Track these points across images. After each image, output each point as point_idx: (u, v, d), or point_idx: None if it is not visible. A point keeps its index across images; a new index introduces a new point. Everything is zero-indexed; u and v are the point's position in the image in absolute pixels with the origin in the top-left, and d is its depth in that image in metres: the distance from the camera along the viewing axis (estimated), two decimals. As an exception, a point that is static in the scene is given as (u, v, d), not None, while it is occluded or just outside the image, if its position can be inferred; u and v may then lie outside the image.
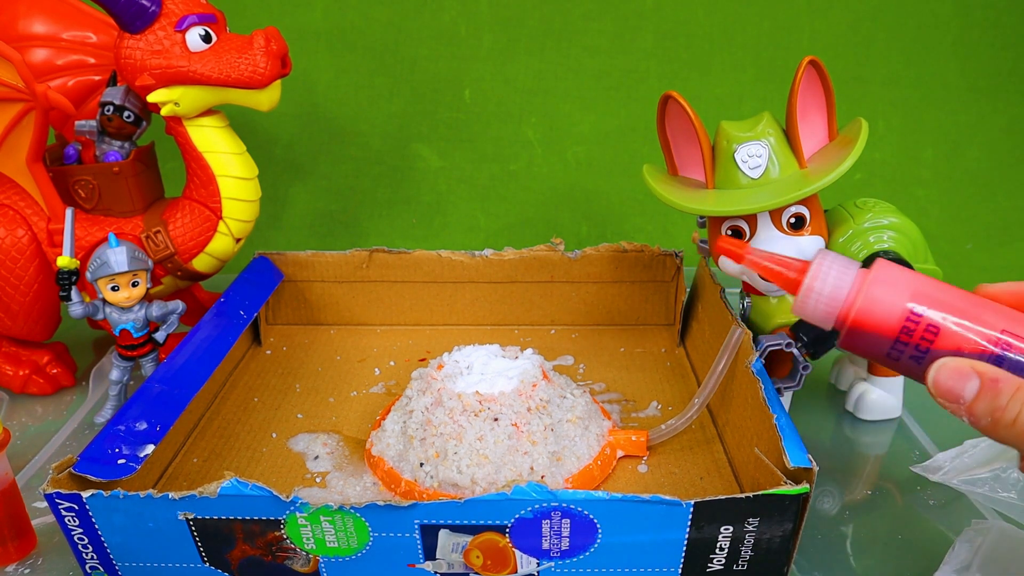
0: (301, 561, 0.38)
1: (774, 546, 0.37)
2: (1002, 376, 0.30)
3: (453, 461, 0.43)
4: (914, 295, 0.32)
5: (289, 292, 0.66)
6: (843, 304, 0.33)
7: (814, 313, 0.33)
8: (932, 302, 0.32)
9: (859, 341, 0.33)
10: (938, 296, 0.32)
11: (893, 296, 0.32)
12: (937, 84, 0.82)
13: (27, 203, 0.55)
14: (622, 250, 0.63)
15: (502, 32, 0.81)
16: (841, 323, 0.33)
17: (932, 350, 0.31)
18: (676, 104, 0.49)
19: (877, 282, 0.32)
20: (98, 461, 0.40)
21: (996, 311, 0.32)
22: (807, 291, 0.33)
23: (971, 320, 0.31)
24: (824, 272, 0.33)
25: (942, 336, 0.31)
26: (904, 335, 0.32)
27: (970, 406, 0.31)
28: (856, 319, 0.32)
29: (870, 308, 0.32)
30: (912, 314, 0.31)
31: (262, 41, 0.54)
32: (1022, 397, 0.30)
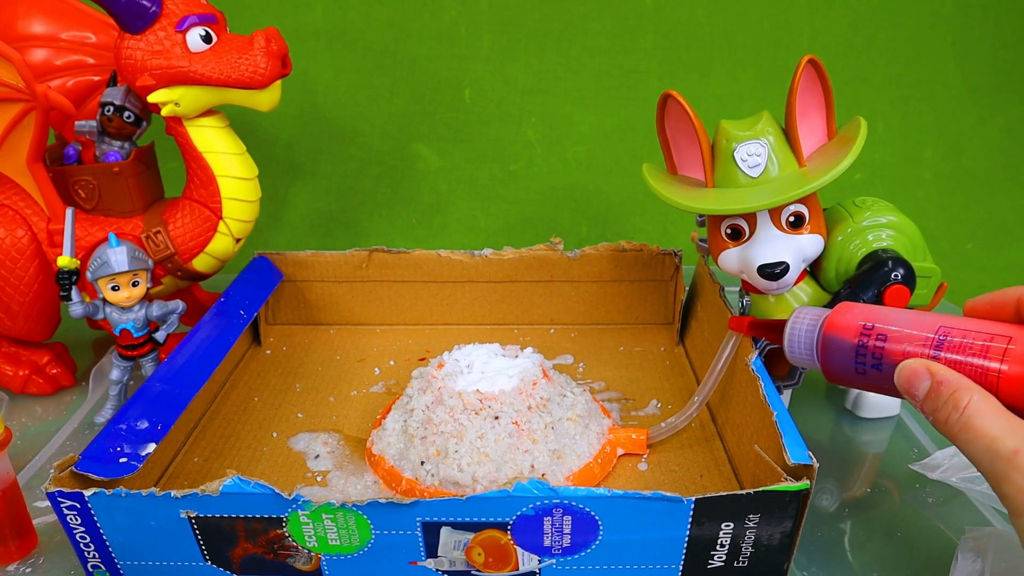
0: (303, 559, 0.38)
1: (774, 543, 0.37)
2: (946, 379, 0.33)
3: (454, 459, 0.43)
4: (865, 316, 0.38)
5: (289, 292, 0.66)
6: (815, 339, 0.39)
7: (799, 356, 0.40)
8: (879, 318, 0.37)
9: (832, 363, 0.38)
10: (885, 313, 0.38)
11: (849, 319, 0.38)
12: (937, 84, 0.82)
13: (27, 203, 0.55)
14: (621, 249, 0.63)
15: (502, 32, 0.81)
16: (818, 354, 0.40)
17: (885, 356, 0.36)
18: (676, 103, 0.49)
19: (836, 313, 0.39)
20: (100, 460, 0.40)
21: (935, 316, 0.36)
22: (789, 338, 0.41)
23: (911, 326, 0.36)
24: (799, 320, 0.40)
25: (890, 341, 0.36)
26: (861, 347, 0.37)
27: (921, 404, 0.34)
28: (824, 342, 0.39)
29: (832, 330, 0.38)
30: (864, 328, 0.37)
31: (262, 41, 0.54)
32: (954, 400, 0.32)
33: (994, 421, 0.31)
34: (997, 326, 0.34)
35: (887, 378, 0.36)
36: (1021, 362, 0.32)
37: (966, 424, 0.32)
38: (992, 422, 0.31)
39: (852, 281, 0.49)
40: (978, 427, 0.31)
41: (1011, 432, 0.31)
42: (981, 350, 0.33)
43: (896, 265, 0.47)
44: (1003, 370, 0.33)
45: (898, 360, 0.35)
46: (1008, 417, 0.31)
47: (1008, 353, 0.33)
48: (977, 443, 0.31)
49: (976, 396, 0.32)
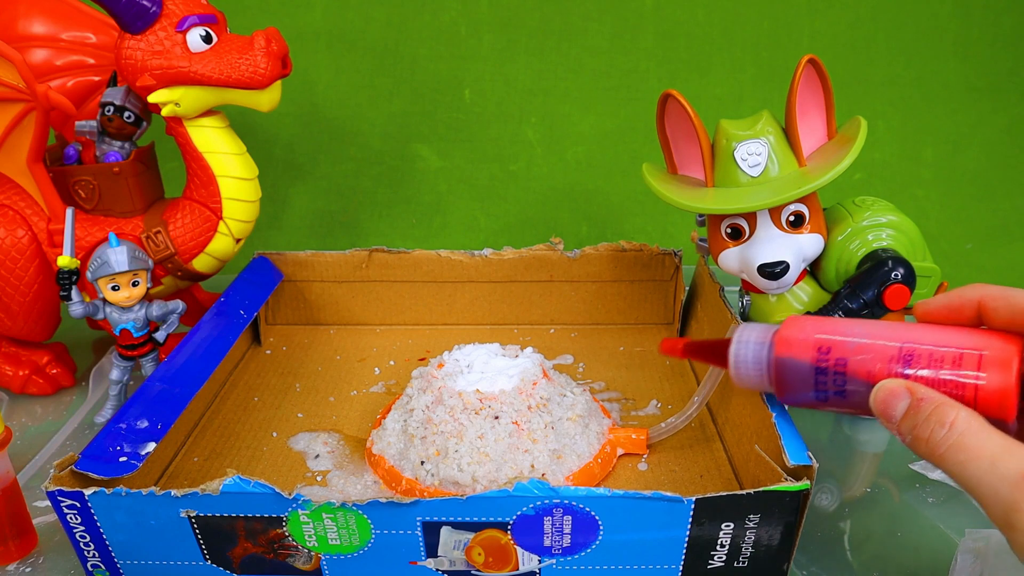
0: (303, 559, 0.38)
1: (774, 543, 0.37)
2: (927, 396, 0.31)
3: (454, 459, 0.43)
4: (820, 329, 0.35)
5: (289, 292, 0.66)
6: (765, 360, 0.37)
7: (747, 378, 0.38)
8: (836, 331, 0.35)
9: (787, 386, 0.36)
10: (840, 326, 0.35)
11: (803, 334, 0.35)
12: (937, 84, 0.82)
13: (27, 203, 0.55)
14: (621, 249, 0.63)
15: (502, 32, 0.81)
16: (770, 376, 0.37)
17: (849, 376, 0.34)
18: (676, 103, 0.49)
19: (787, 327, 0.36)
20: (100, 459, 0.40)
21: (896, 327, 0.34)
22: (735, 360, 0.38)
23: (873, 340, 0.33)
24: (744, 340, 0.37)
25: (853, 359, 0.33)
26: (820, 370, 0.34)
27: (898, 424, 0.31)
28: (777, 363, 0.36)
29: (785, 349, 0.35)
30: (821, 347, 0.34)
31: (262, 42, 0.54)
32: (938, 416, 0.30)
33: (990, 438, 0.29)
34: (963, 334, 0.32)
35: (854, 403, 0.34)
36: (1000, 370, 0.31)
37: (957, 443, 0.29)
38: (988, 439, 0.29)
39: (852, 281, 0.49)
40: (972, 446, 0.28)
41: (1010, 451, 0.28)
42: (954, 362, 0.31)
43: (896, 265, 0.47)
44: (980, 384, 0.31)
45: (863, 381, 0.33)
46: (1001, 435, 0.29)
47: (984, 362, 0.31)
48: (972, 465, 0.28)
49: (964, 412, 0.30)
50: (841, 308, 0.48)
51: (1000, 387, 0.30)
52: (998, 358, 0.31)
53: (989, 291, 0.33)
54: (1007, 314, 0.32)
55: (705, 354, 0.41)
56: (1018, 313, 0.32)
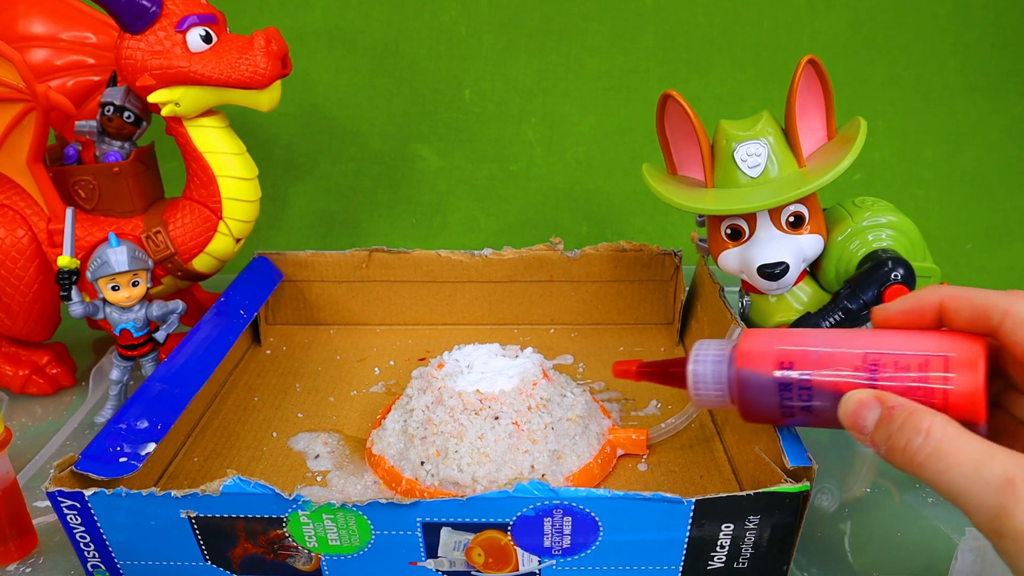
0: (303, 559, 0.38)
1: (774, 544, 0.37)
2: (899, 404, 0.30)
3: (454, 459, 0.43)
4: (780, 341, 0.34)
5: (289, 292, 0.66)
6: (726, 377, 0.35)
7: (707, 397, 0.36)
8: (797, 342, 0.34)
9: (751, 403, 0.35)
10: (801, 338, 0.34)
11: (763, 347, 0.34)
12: (937, 84, 0.82)
13: (27, 203, 0.55)
14: (621, 249, 0.63)
15: (502, 32, 0.81)
16: (732, 394, 0.35)
17: (815, 389, 0.33)
18: (675, 103, 0.49)
19: (746, 341, 0.35)
20: (100, 459, 0.40)
21: (856, 334, 0.33)
22: (694, 379, 0.36)
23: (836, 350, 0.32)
24: (702, 357, 0.36)
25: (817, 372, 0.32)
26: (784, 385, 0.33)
27: (872, 435, 0.30)
28: (738, 379, 0.35)
29: (746, 365, 0.34)
30: (783, 357, 0.33)
31: (262, 41, 0.54)
32: (913, 423, 0.29)
33: (968, 443, 0.28)
34: (927, 337, 0.32)
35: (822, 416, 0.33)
36: (967, 372, 0.30)
37: (936, 451, 0.28)
38: (967, 445, 0.27)
39: (852, 281, 0.49)
40: (952, 452, 0.27)
41: (992, 456, 0.27)
42: (921, 367, 0.31)
43: (896, 265, 0.47)
44: (949, 388, 0.30)
45: (829, 392, 0.32)
46: (978, 439, 0.28)
47: (951, 365, 0.30)
48: (954, 472, 0.27)
49: (938, 419, 0.28)
50: (841, 308, 0.48)
51: (969, 389, 0.30)
52: (964, 360, 0.30)
53: (948, 292, 0.32)
54: (969, 315, 0.31)
55: (661, 376, 0.39)
56: (980, 313, 0.31)
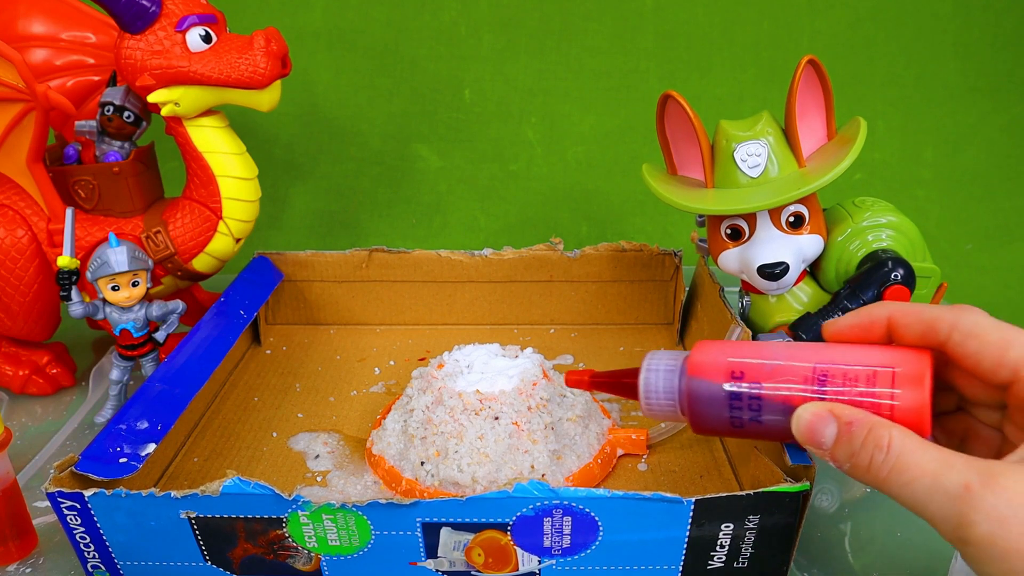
0: (303, 559, 0.38)
1: (774, 543, 0.37)
2: (857, 419, 0.29)
3: (454, 460, 0.43)
4: (732, 353, 0.34)
5: (289, 292, 0.66)
6: (677, 388, 0.35)
7: (658, 408, 0.36)
8: (747, 354, 0.34)
9: (701, 415, 0.34)
10: (752, 350, 0.34)
11: (714, 359, 0.34)
12: (937, 84, 0.82)
13: (27, 203, 0.55)
14: (621, 249, 0.63)
15: (502, 32, 0.81)
16: (682, 406, 0.35)
17: (764, 401, 0.32)
18: (675, 103, 0.49)
19: (697, 353, 0.35)
20: (100, 460, 0.40)
21: (806, 348, 0.33)
22: (645, 391, 0.36)
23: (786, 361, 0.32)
24: (653, 367, 0.36)
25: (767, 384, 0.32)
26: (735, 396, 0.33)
27: (832, 452, 0.30)
28: (689, 390, 0.34)
29: (697, 377, 0.34)
30: (733, 369, 0.33)
31: (262, 41, 0.54)
32: (874, 439, 0.29)
33: (926, 454, 0.28)
34: (874, 352, 0.32)
35: (771, 429, 0.33)
36: (913, 387, 0.30)
37: (896, 465, 0.28)
38: (925, 455, 0.28)
39: (852, 281, 0.49)
40: (912, 465, 0.28)
41: (949, 465, 0.27)
42: (868, 381, 0.31)
43: (896, 265, 0.47)
44: (895, 404, 0.30)
45: (779, 405, 0.32)
46: (937, 448, 0.28)
47: (898, 379, 0.30)
48: (915, 485, 0.27)
49: (896, 431, 0.29)
50: (841, 309, 0.48)
51: (915, 404, 0.30)
52: (911, 374, 0.30)
53: (897, 307, 0.32)
54: (917, 329, 0.31)
55: (613, 386, 0.39)
56: (928, 327, 0.31)
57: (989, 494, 0.26)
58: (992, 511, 0.25)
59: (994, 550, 0.25)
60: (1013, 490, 0.26)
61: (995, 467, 0.26)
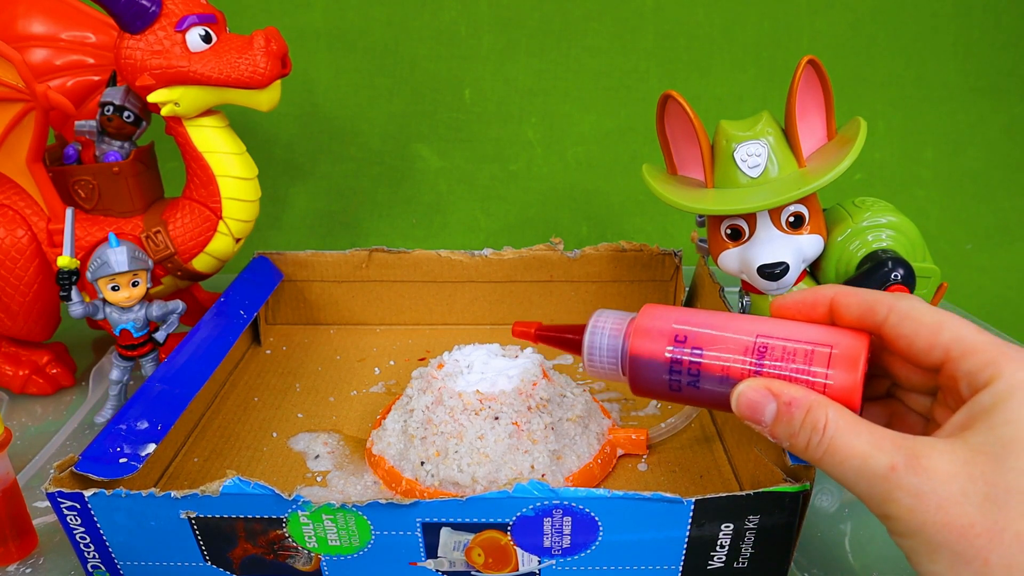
0: (303, 560, 0.38)
1: (774, 544, 0.37)
2: (796, 398, 0.30)
3: (454, 460, 0.43)
4: (676, 320, 0.34)
5: (289, 292, 0.66)
6: (620, 349, 0.35)
7: (600, 367, 0.36)
8: (690, 322, 0.34)
9: (640, 377, 0.35)
10: (695, 318, 0.34)
11: (659, 323, 0.34)
12: (937, 84, 0.82)
13: (27, 203, 0.55)
14: (621, 249, 0.63)
15: (502, 32, 0.81)
16: (624, 366, 0.36)
17: (703, 371, 0.33)
18: (675, 103, 0.49)
19: (643, 316, 0.35)
20: (100, 460, 0.40)
21: (749, 320, 0.33)
22: (589, 349, 0.36)
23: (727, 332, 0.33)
24: (599, 327, 0.36)
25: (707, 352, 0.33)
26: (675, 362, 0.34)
27: (771, 430, 0.31)
28: (631, 352, 0.35)
29: (640, 339, 0.34)
30: (676, 337, 0.34)
31: (262, 41, 0.54)
32: (811, 422, 0.30)
33: (858, 437, 0.29)
34: (815, 330, 0.32)
35: (707, 396, 0.33)
36: (847, 368, 0.31)
37: (830, 447, 0.29)
38: (857, 439, 0.29)
39: (852, 281, 0.49)
40: (843, 447, 0.29)
41: (878, 446, 0.28)
42: (805, 358, 0.31)
43: (896, 265, 0.47)
44: (828, 383, 0.31)
45: (717, 374, 0.33)
46: (869, 429, 0.29)
47: (833, 360, 0.31)
48: (846, 465, 0.29)
49: (831, 412, 0.29)
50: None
51: (847, 385, 0.31)
52: (847, 355, 0.31)
53: (841, 288, 0.33)
54: (857, 310, 0.32)
55: (558, 340, 0.39)
56: (867, 309, 0.32)
57: (911, 474, 0.27)
58: (911, 488, 0.27)
59: (911, 523, 0.27)
60: (933, 468, 0.27)
61: (920, 447, 0.28)
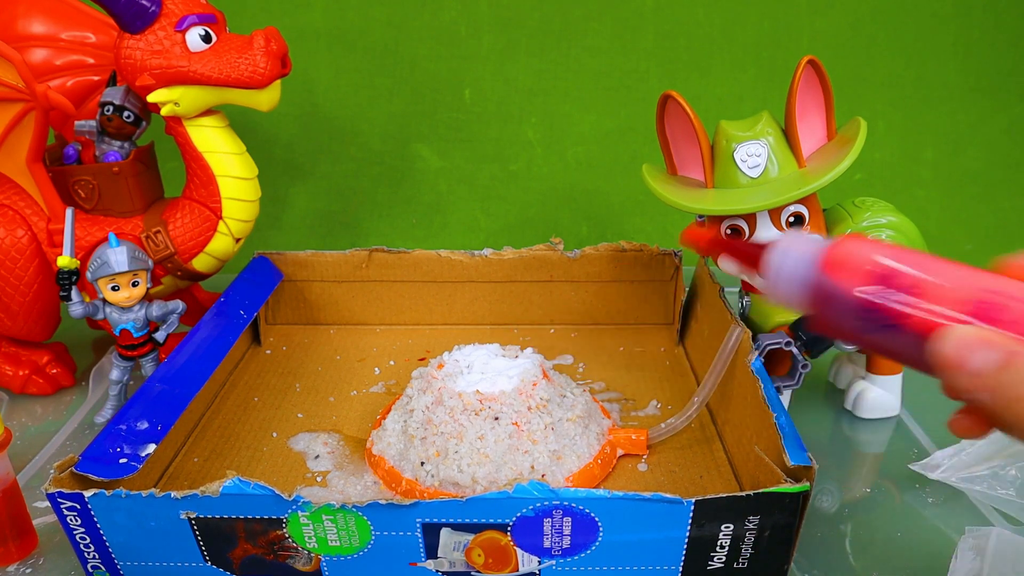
0: (303, 560, 0.38)
1: (774, 544, 0.37)
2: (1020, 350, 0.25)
3: (454, 460, 0.43)
4: (881, 252, 0.29)
5: (289, 292, 0.66)
6: (808, 278, 0.30)
7: (781, 293, 0.32)
8: (900, 258, 0.28)
9: (826, 315, 0.30)
10: (907, 256, 0.28)
11: (858, 260, 0.29)
12: (937, 84, 0.82)
13: (27, 203, 0.55)
14: (621, 249, 0.63)
15: (502, 32, 0.81)
16: (810, 297, 0.31)
17: (904, 317, 0.28)
18: (675, 104, 0.49)
19: (841, 248, 0.30)
20: (100, 460, 0.40)
21: (973, 273, 0.28)
22: (770, 271, 0.32)
23: (945, 281, 0.27)
24: (786, 249, 0.31)
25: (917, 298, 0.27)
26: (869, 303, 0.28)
27: (983, 377, 0.26)
28: (819, 286, 0.30)
29: (835, 270, 0.29)
30: (877, 273, 0.28)
31: (262, 41, 0.54)
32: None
33: None
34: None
35: (899, 347, 0.28)
36: None
37: None
38: None
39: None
40: None
41: None
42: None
43: (896, 266, 0.47)
44: None
45: (916, 330, 0.27)
46: None
47: None
48: None
49: None
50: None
51: None
52: None
53: None
54: None
55: (734, 252, 0.34)
56: None
57: None
58: None
59: None
60: None
61: None
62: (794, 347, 0.48)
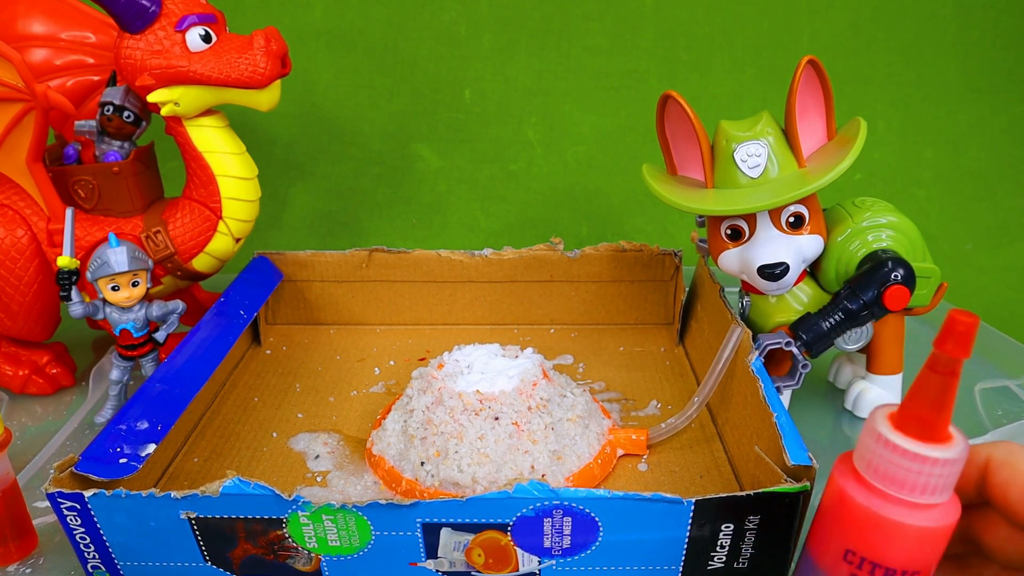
0: (303, 560, 0.38)
1: (774, 544, 0.37)
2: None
3: (454, 460, 0.43)
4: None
5: (289, 292, 0.66)
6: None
7: None
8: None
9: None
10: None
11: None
12: (937, 84, 0.82)
13: (27, 203, 0.55)
14: (621, 249, 0.63)
15: (502, 32, 0.81)
16: None
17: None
18: (675, 104, 0.49)
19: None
20: (100, 460, 0.40)
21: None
22: None
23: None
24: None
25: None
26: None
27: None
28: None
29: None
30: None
31: (262, 41, 0.54)
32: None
33: None
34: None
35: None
36: None
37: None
38: None
39: (852, 281, 0.49)
40: None
41: None
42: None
43: (896, 265, 0.47)
44: None
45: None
46: None
47: None
48: None
49: None
50: (841, 309, 0.48)
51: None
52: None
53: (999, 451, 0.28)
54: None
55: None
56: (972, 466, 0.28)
57: None
58: None
59: None
60: None
61: None
62: (794, 347, 0.48)
